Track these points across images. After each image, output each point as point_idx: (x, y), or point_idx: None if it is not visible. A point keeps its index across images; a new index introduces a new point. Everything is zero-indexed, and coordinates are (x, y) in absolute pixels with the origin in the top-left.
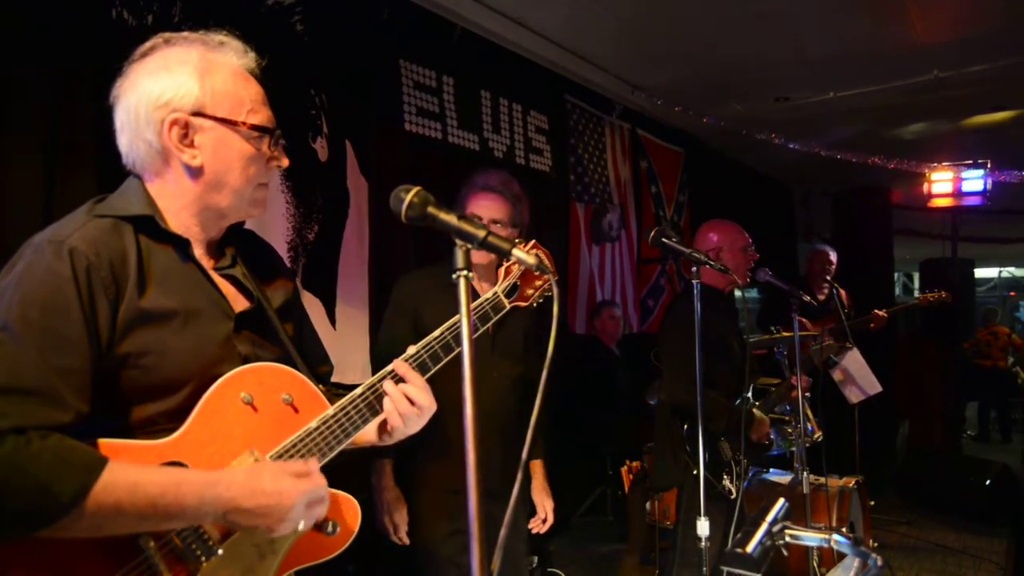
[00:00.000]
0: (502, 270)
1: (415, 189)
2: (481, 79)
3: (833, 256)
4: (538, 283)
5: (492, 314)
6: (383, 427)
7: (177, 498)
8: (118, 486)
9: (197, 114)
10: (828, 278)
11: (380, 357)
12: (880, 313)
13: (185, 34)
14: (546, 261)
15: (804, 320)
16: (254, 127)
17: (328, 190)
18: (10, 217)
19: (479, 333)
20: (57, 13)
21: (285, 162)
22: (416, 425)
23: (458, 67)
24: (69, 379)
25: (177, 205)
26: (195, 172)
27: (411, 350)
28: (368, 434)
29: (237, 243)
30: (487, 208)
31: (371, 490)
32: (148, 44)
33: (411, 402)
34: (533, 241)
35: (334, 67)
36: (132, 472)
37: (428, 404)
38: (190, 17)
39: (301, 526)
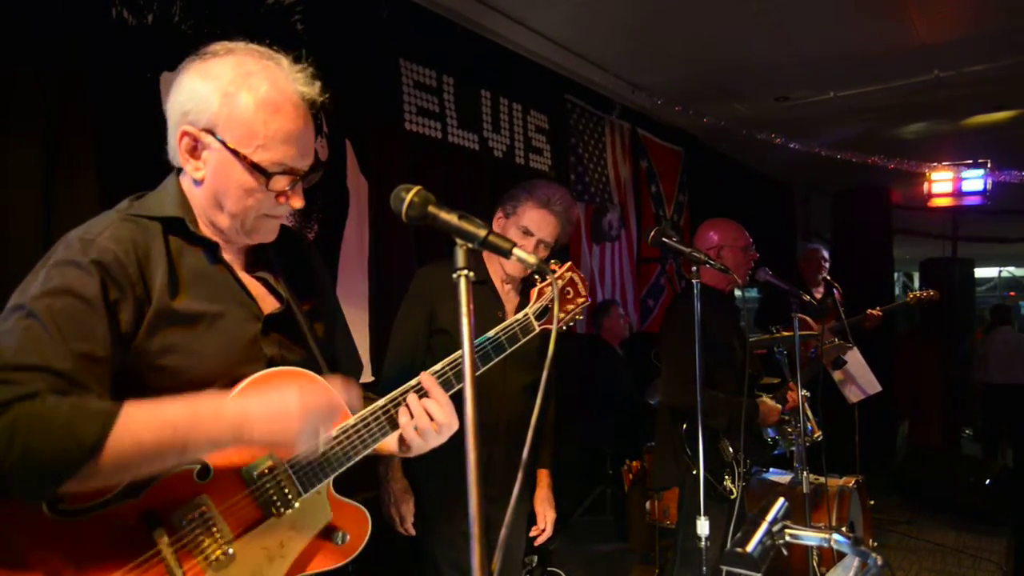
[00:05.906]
0: (535, 292)
1: (416, 188)
2: (481, 78)
3: (826, 254)
4: (569, 307)
5: (521, 336)
6: (403, 439)
7: (195, 418)
8: (136, 421)
9: (208, 131)
10: (824, 277)
11: (396, 351)
12: (874, 312)
13: (251, 47)
14: (580, 285)
15: (807, 319)
16: (254, 165)
17: (328, 190)
18: (10, 217)
19: (504, 355)
20: (57, 13)
21: (296, 203)
22: (435, 441)
23: (458, 66)
24: (92, 367)
25: (198, 208)
26: (198, 183)
27: (437, 366)
28: (389, 444)
29: (273, 242)
30: (541, 227)
31: (378, 482)
32: (211, 47)
33: (431, 418)
34: (569, 263)
35: (334, 67)
36: (147, 407)
37: (448, 422)
38: (190, 16)
39: (322, 435)
